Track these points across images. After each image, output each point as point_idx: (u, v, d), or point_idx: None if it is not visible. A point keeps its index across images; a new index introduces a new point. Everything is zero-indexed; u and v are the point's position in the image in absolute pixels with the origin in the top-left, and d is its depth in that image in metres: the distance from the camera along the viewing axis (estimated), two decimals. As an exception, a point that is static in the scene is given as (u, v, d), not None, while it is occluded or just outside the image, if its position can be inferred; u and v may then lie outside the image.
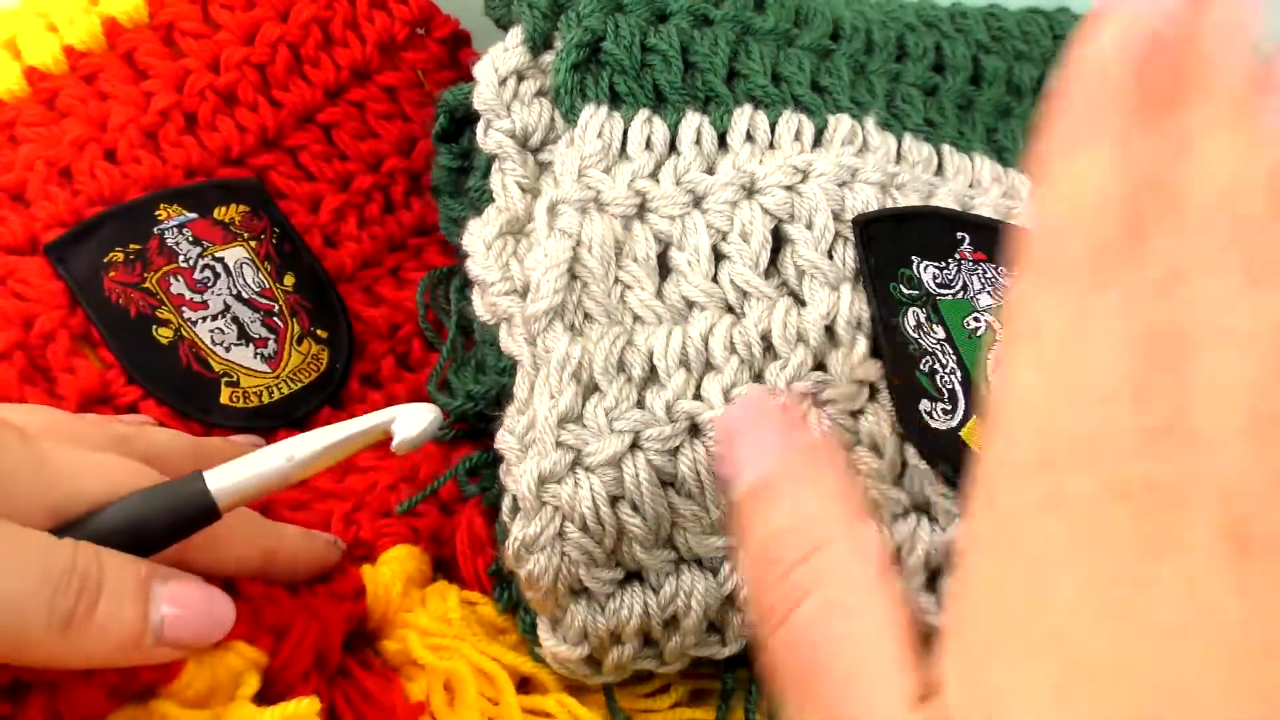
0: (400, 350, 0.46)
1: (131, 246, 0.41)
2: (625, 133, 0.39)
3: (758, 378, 0.35)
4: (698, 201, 0.38)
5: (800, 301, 0.36)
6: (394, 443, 0.31)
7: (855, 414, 0.35)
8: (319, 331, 0.44)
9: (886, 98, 0.43)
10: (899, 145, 0.41)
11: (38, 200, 0.41)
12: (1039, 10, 0.50)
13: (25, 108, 0.43)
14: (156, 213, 0.42)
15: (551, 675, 0.36)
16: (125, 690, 0.29)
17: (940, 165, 0.42)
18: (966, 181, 0.41)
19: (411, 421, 0.31)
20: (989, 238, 0.38)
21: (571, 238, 0.36)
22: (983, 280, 0.37)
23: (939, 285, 0.36)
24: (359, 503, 0.39)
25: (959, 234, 0.38)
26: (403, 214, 0.49)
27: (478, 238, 0.39)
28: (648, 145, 0.39)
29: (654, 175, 0.39)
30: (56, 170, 0.42)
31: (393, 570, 0.36)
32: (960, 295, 0.36)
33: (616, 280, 0.36)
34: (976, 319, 0.36)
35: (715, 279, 0.36)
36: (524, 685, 0.36)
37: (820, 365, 0.35)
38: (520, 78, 0.41)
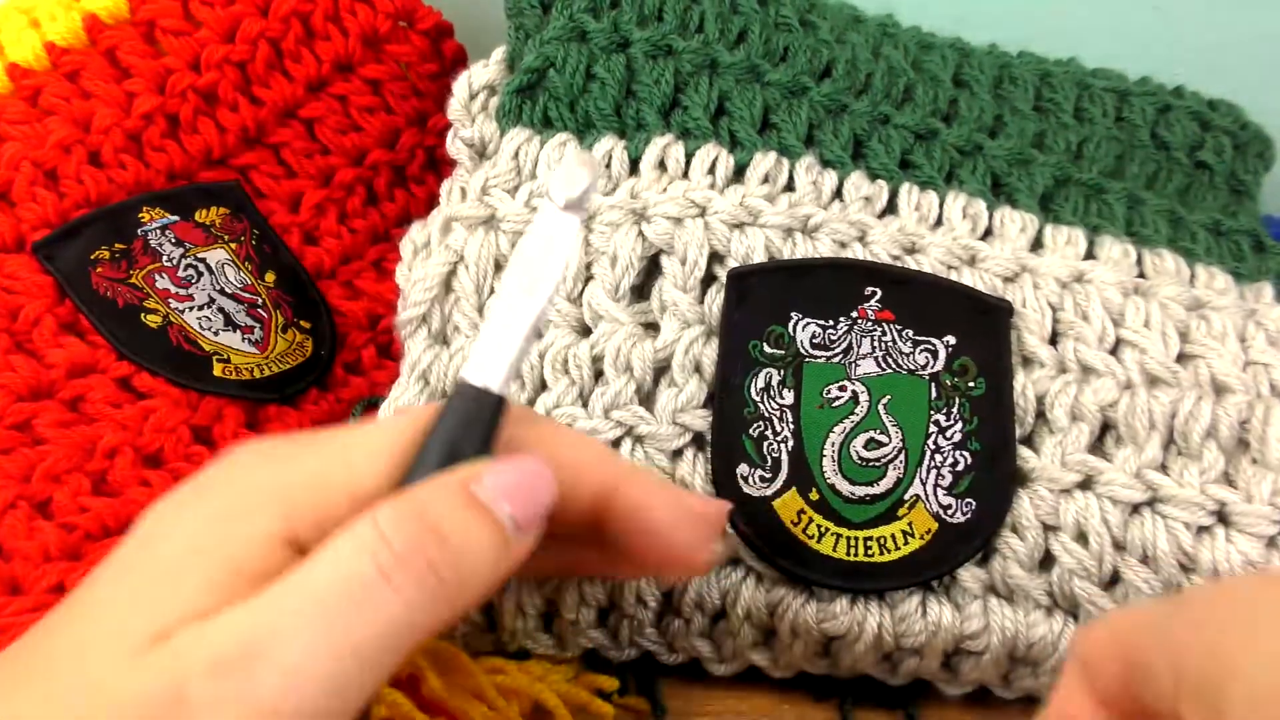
0: (382, 340, 0.46)
1: (117, 245, 0.42)
2: (539, 154, 0.40)
3: (584, 400, 0.36)
4: (587, 220, 0.38)
5: (656, 334, 0.36)
6: (562, 206, 0.28)
7: (674, 455, 0.35)
8: (302, 323, 0.45)
9: (856, 136, 0.41)
10: (840, 183, 0.40)
11: (24, 202, 0.42)
12: (1115, 89, 0.46)
13: (8, 104, 0.43)
14: (140, 215, 0.43)
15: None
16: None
17: (892, 202, 0.40)
18: (919, 218, 0.39)
19: (566, 183, 0.28)
20: (906, 294, 0.36)
21: (455, 253, 0.38)
22: (875, 344, 0.35)
23: (814, 346, 0.35)
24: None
25: (869, 288, 0.36)
26: (386, 206, 0.50)
27: (409, 241, 0.39)
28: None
29: None
30: (42, 172, 0.42)
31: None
32: (837, 359, 0.35)
33: (493, 292, 0.37)
34: (843, 388, 0.35)
35: (581, 297, 0.37)
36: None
37: (648, 400, 0.36)
38: (493, 92, 0.42)
